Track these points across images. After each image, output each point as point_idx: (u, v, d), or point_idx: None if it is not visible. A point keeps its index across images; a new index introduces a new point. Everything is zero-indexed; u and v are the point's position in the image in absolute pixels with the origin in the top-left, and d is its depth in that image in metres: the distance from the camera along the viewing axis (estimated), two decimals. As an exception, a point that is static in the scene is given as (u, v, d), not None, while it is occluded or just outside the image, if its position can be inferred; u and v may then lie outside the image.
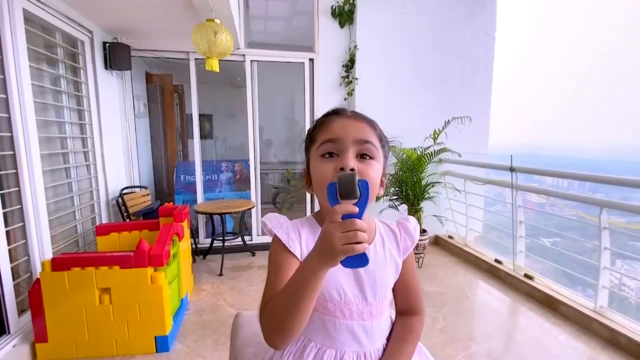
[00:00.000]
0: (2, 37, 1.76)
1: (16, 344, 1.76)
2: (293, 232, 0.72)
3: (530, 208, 2.85)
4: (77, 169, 2.55)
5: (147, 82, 3.84)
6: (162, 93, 4.10)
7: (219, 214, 2.96)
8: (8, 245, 1.79)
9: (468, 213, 3.35)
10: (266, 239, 3.06)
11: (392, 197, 3.19)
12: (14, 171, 1.86)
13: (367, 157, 0.68)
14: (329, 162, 0.67)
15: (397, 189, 3.16)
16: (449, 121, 3.14)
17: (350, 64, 3.52)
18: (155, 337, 1.85)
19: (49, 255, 2.04)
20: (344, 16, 3.44)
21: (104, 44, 2.81)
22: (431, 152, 3.14)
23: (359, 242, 0.51)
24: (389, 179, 0.76)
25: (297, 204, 4.73)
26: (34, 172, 1.95)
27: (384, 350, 0.76)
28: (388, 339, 0.78)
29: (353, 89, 3.52)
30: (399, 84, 3.62)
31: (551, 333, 2.09)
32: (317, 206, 0.79)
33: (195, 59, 3.25)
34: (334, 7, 3.42)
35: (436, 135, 3.19)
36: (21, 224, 1.91)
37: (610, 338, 1.95)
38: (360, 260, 0.53)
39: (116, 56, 2.84)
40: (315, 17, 3.45)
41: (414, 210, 3.13)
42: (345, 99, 3.58)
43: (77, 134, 2.58)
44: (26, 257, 1.95)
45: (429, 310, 2.31)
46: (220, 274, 2.92)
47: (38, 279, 1.74)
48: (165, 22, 2.61)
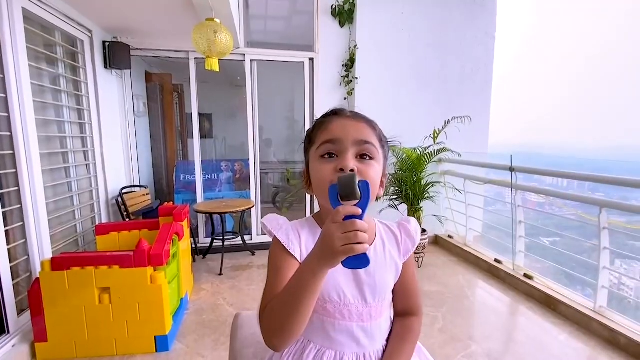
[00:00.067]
0: (1, 36, 1.76)
1: (16, 344, 1.76)
2: (293, 234, 0.71)
3: (530, 208, 2.85)
4: (76, 169, 2.55)
5: (147, 82, 3.83)
6: (162, 92, 4.09)
7: (219, 213, 2.96)
8: (7, 244, 1.79)
9: (468, 213, 3.35)
10: (266, 239, 3.07)
11: (392, 197, 3.19)
12: (14, 171, 1.86)
13: (367, 157, 0.67)
14: (328, 163, 0.67)
15: (397, 188, 3.16)
16: (448, 121, 3.14)
17: (350, 64, 3.52)
18: (155, 336, 1.85)
19: (48, 255, 2.04)
20: (344, 16, 3.43)
21: (104, 43, 2.80)
22: (431, 151, 3.14)
23: (360, 243, 0.51)
24: (388, 179, 0.75)
25: (297, 203, 4.74)
26: (34, 171, 1.95)
27: (384, 351, 0.76)
28: (388, 340, 0.78)
29: (353, 89, 3.51)
30: (399, 83, 3.62)
31: (551, 333, 2.09)
32: (317, 206, 0.78)
33: (195, 58, 3.25)
34: (334, 7, 3.42)
35: (436, 135, 3.19)
36: (21, 223, 1.91)
37: (610, 338, 1.96)
38: (361, 261, 0.53)
39: (116, 55, 2.84)
40: (315, 16, 3.45)
41: (414, 210, 3.13)
42: (345, 98, 3.57)
43: (77, 133, 2.58)
44: (26, 257, 1.95)
45: (428, 310, 2.31)
46: (220, 274, 2.92)
47: (37, 279, 1.74)
48: (165, 22, 2.61)
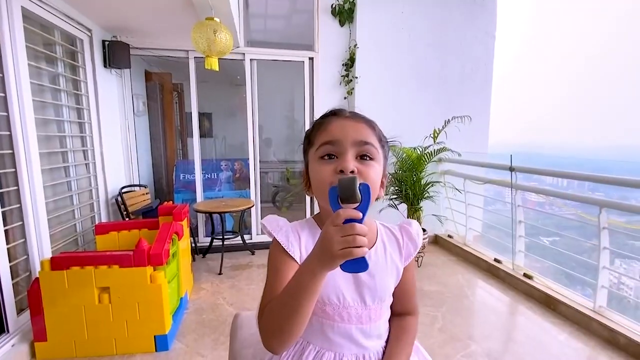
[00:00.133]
0: (1, 36, 1.76)
1: (15, 343, 1.76)
2: (292, 235, 0.71)
3: (530, 207, 2.85)
4: (76, 168, 2.55)
5: (147, 81, 3.83)
6: (162, 91, 4.09)
7: (219, 212, 2.96)
8: (7, 244, 1.79)
9: (467, 212, 3.35)
10: (266, 238, 3.06)
11: (391, 197, 3.19)
12: (13, 170, 1.86)
13: (367, 158, 0.67)
14: (328, 164, 0.66)
15: (396, 188, 3.16)
16: (448, 120, 3.14)
17: (350, 63, 3.51)
18: (154, 336, 1.85)
19: (48, 254, 2.03)
20: (344, 15, 3.43)
21: (103, 42, 2.80)
22: (431, 151, 3.14)
23: (359, 247, 0.50)
24: (388, 179, 0.74)
25: (297, 202, 4.74)
26: (33, 170, 1.94)
27: (384, 351, 0.76)
28: (387, 341, 0.78)
29: (353, 88, 3.51)
30: (399, 83, 3.61)
31: (550, 333, 2.09)
32: (317, 206, 0.78)
33: (194, 57, 3.24)
34: (334, 6, 3.42)
35: (436, 135, 3.19)
36: (20, 222, 1.90)
37: (609, 338, 1.96)
38: (359, 265, 0.52)
39: (115, 54, 2.83)
40: (315, 15, 3.44)
41: (414, 209, 3.13)
42: (345, 97, 3.57)
43: (76, 132, 2.58)
44: (25, 256, 1.94)
45: (428, 310, 2.32)
46: (220, 273, 2.92)
47: (37, 278, 1.73)
48: (164, 21, 2.60)
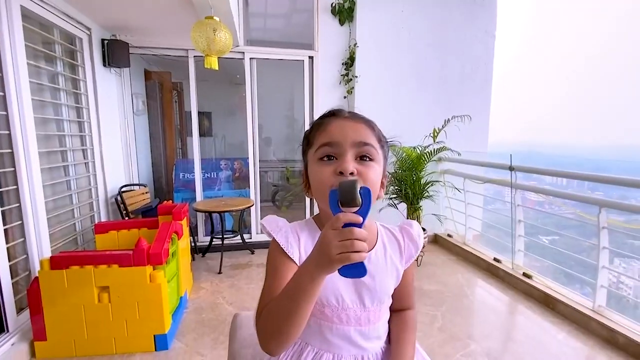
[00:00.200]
0: (0, 35, 1.76)
1: (15, 342, 1.76)
2: (292, 236, 0.71)
3: (529, 207, 2.85)
4: (75, 167, 2.55)
5: (146, 80, 3.82)
6: (161, 90, 4.09)
7: (218, 212, 2.95)
8: (6, 243, 1.78)
9: (467, 212, 3.35)
10: (265, 237, 3.06)
11: (391, 196, 3.19)
12: (12, 169, 1.86)
13: (366, 159, 0.66)
14: (327, 166, 0.65)
15: (396, 187, 3.16)
16: (448, 120, 3.14)
17: (350, 62, 3.51)
18: (154, 335, 1.85)
19: (47, 254, 2.03)
20: (344, 14, 3.42)
21: (103, 41, 2.79)
22: (431, 150, 3.14)
23: (357, 251, 0.49)
24: (388, 178, 0.74)
25: (297, 202, 4.74)
26: (32, 170, 1.94)
27: (383, 352, 0.76)
28: (386, 342, 0.78)
29: (353, 87, 3.50)
30: (399, 82, 3.61)
31: (549, 332, 2.09)
32: (316, 206, 0.77)
33: (194, 56, 3.24)
34: (333, 5, 3.41)
35: (436, 134, 3.19)
36: (19, 222, 1.90)
37: (608, 337, 1.96)
38: (358, 270, 0.52)
39: (115, 53, 2.83)
40: (315, 14, 3.44)
41: (413, 209, 3.13)
42: (345, 97, 3.57)
43: (76, 131, 2.57)
44: (25, 256, 1.94)
45: (427, 309, 2.32)
46: (220, 272, 2.92)
47: (37, 277, 1.73)
48: (164, 20, 2.59)
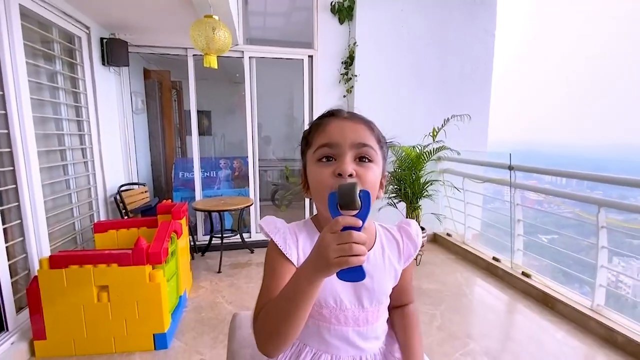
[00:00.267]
0: (-2, 33, 1.75)
1: (14, 342, 1.76)
2: (290, 237, 0.70)
3: (529, 206, 2.85)
4: (74, 166, 2.54)
5: (145, 78, 3.82)
6: (160, 89, 4.08)
7: (218, 211, 2.95)
8: (6, 242, 1.78)
9: (466, 211, 3.35)
10: (265, 237, 3.06)
11: (390, 195, 3.19)
12: (11, 168, 1.85)
13: (365, 160, 0.66)
14: (326, 167, 0.65)
15: (395, 187, 3.16)
16: (448, 119, 3.14)
17: (349, 61, 3.50)
18: (153, 334, 1.85)
19: (46, 253, 2.03)
20: (344, 12, 3.41)
21: (102, 39, 2.78)
22: (430, 150, 3.14)
23: (356, 255, 0.49)
24: (387, 178, 0.74)
25: (296, 201, 4.74)
26: (31, 169, 1.94)
27: (381, 352, 0.76)
28: (385, 342, 0.78)
29: (352, 86, 3.50)
30: (399, 81, 3.60)
31: (548, 331, 2.10)
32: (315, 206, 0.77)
33: (193, 55, 3.23)
34: (333, 3, 3.40)
35: (435, 133, 3.19)
36: (19, 221, 1.90)
37: (607, 336, 1.96)
38: (356, 274, 0.51)
39: (114, 52, 2.82)
40: (315, 13, 3.43)
41: (413, 208, 3.13)
42: (344, 96, 3.56)
43: (75, 130, 2.57)
44: (24, 255, 1.94)
45: (426, 308, 2.32)
46: (219, 271, 2.92)
47: (36, 277, 1.73)
48: (163, 18, 2.59)
